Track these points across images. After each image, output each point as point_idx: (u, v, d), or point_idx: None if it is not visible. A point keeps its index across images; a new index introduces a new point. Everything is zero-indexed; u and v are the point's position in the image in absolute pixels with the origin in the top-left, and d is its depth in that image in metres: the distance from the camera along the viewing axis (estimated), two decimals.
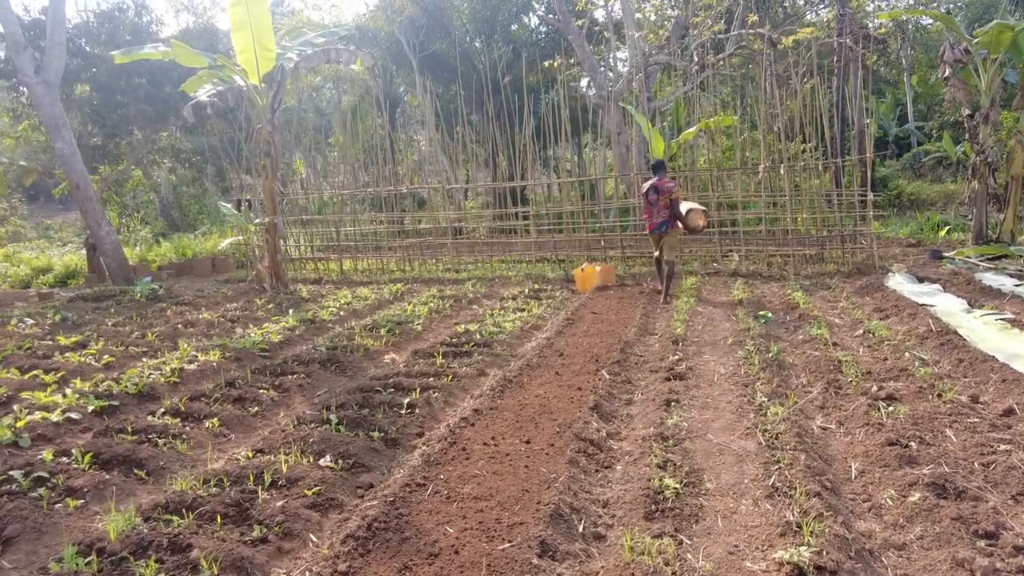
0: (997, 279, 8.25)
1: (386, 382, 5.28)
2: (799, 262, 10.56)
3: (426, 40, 21.31)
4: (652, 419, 4.28)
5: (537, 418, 4.38)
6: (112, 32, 16.85)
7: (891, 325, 6.49)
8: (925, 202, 19.51)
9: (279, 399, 5.28)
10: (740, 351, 5.71)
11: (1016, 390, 4.41)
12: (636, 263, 11.52)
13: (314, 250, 13.78)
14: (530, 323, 7.40)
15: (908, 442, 3.68)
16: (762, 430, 3.93)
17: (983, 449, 3.60)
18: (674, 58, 15.70)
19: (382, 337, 6.96)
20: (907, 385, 4.66)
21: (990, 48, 10.54)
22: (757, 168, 11.08)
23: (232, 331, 7.87)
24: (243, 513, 3.34)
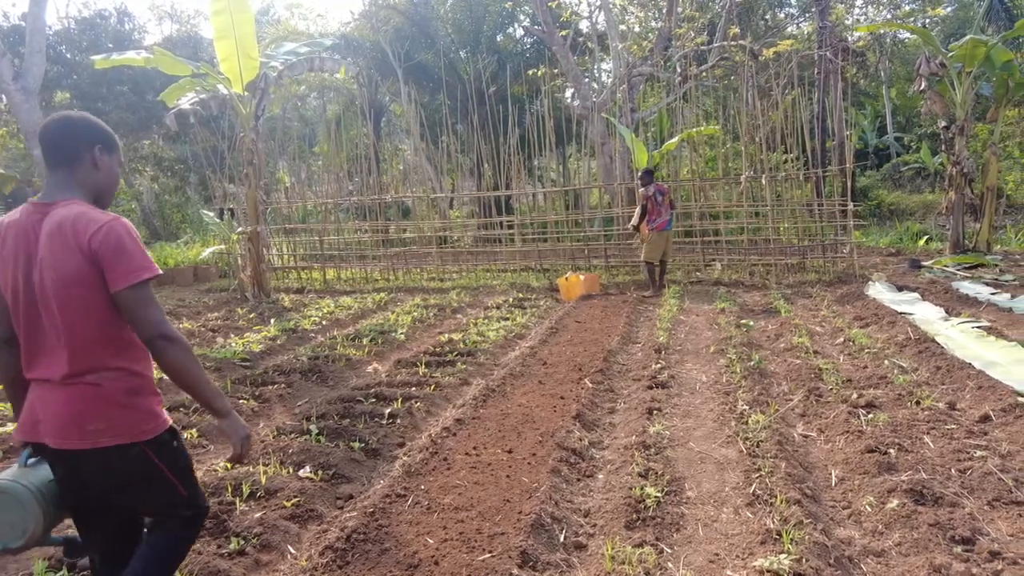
0: (974, 287, 8.37)
1: (368, 392, 5.24)
2: (781, 271, 10.66)
3: (411, 50, 21.36)
4: (634, 427, 4.28)
5: (520, 427, 4.36)
6: (93, 39, 16.74)
7: (871, 333, 6.56)
8: (905, 212, 19.83)
9: (259, 409, 5.21)
10: (722, 359, 5.74)
11: (992, 397, 4.47)
12: (620, 272, 11.56)
13: (297, 259, 13.70)
14: (514, 332, 7.39)
15: (887, 449, 3.70)
16: (743, 438, 3.95)
17: (960, 456, 3.64)
18: (657, 69, 15.86)
19: (365, 347, 6.92)
20: (886, 392, 4.70)
21: (965, 62, 10.75)
22: (739, 178, 11.20)
23: (213, 341, 7.78)
24: (220, 525, 3.29)
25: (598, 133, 15.23)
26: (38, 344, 2.00)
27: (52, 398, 1.97)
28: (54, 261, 1.92)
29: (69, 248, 1.91)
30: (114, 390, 1.99)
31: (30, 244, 1.97)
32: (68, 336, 1.95)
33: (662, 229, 9.27)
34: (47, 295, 1.94)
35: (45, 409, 1.98)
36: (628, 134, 11.55)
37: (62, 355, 1.95)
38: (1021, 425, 3.97)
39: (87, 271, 1.92)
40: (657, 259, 9.52)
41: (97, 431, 1.95)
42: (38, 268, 1.94)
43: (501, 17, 22.73)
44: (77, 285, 1.92)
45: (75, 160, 2.05)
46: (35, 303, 1.97)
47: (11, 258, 1.98)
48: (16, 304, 2.00)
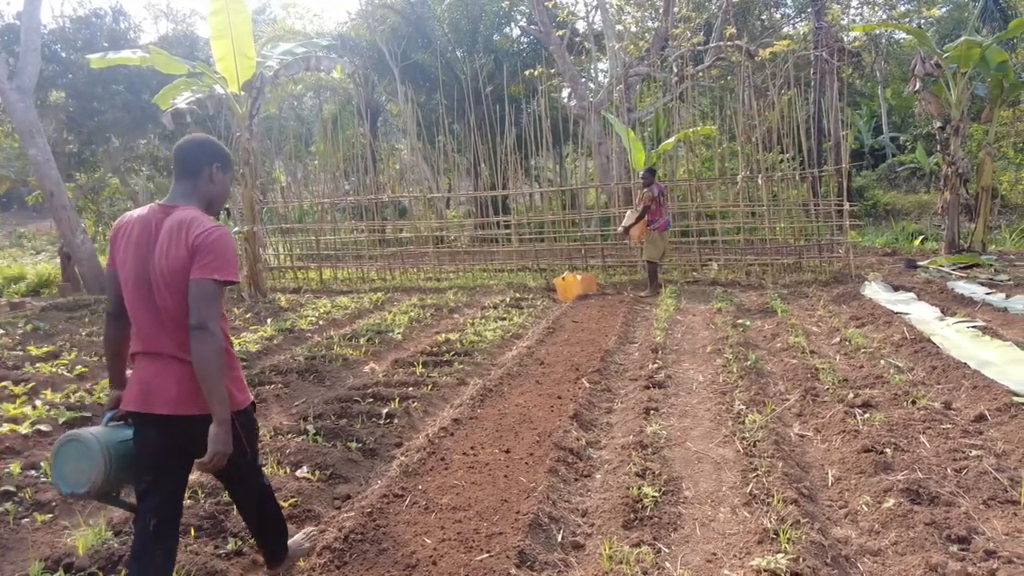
0: (969, 287, 8.40)
1: (365, 392, 5.24)
2: (777, 271, 10.68)
3: (408, 49, 21.34)
4: (632, 427, 4.28)
5: (517, 427, 4.37)
6: (89, 38, 16.68)
7: (867, 333, 6.57)
8: (900, 212, 19.89)
9: (256, 410, 5.20)
10: (719, 359, 5.75)
11: (987, 396, 4.48)
12: (617, 272, 11.58)
13: (294, 259, 13.67)
14: (511, 332, 7.39)
15: (883, 449, 3.72)
16: (740, 438, 3.96)
17: (955, 455, 3.65)
18: (654, 69, 15.87)
19: (362, 346, 6.91)
20: (883, 392, 4.72)
21: (959, 63, 10.79)
22: (736, 178, 11.22)
23: None
24: (217, 525, 3.28)
25: (595, 133, 15.25)
26: (147, 323, 2.35)
27: (166, 372, 2.33)
28: (167, 253, 2.30)
29: (180, 244, 2.29)
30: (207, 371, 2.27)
31: (151, 237, 2.34)
32: (173, 317, 2.31)
33: (663, 229, 9.31)
34: (159, 281, 2.31)
35: (158, 383, 2.32)
36: (626, 132, 11.56)
37: (168, 334, 2.32)
38: (1016, 424, 3.98)
39: (188, 263, 2.28)
40: (659, 258, 9.58)
41: (201, 400, 2.28)
42: (155, 257, 2.31)
43: (498, 17, 22.72)
44: (181, 274, 2.28)
45: (197, 174, 2.45)
46: (149, 287, 2.33)
47: (133, 245, 2.35)
48: (128, 287, 2.36)
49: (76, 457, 2.31)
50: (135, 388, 2.36)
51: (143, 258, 2.33)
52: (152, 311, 2.33)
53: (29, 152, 11.53)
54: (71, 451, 2.32)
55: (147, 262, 2.32)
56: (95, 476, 2.28)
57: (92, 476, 2.28)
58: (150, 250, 2.33)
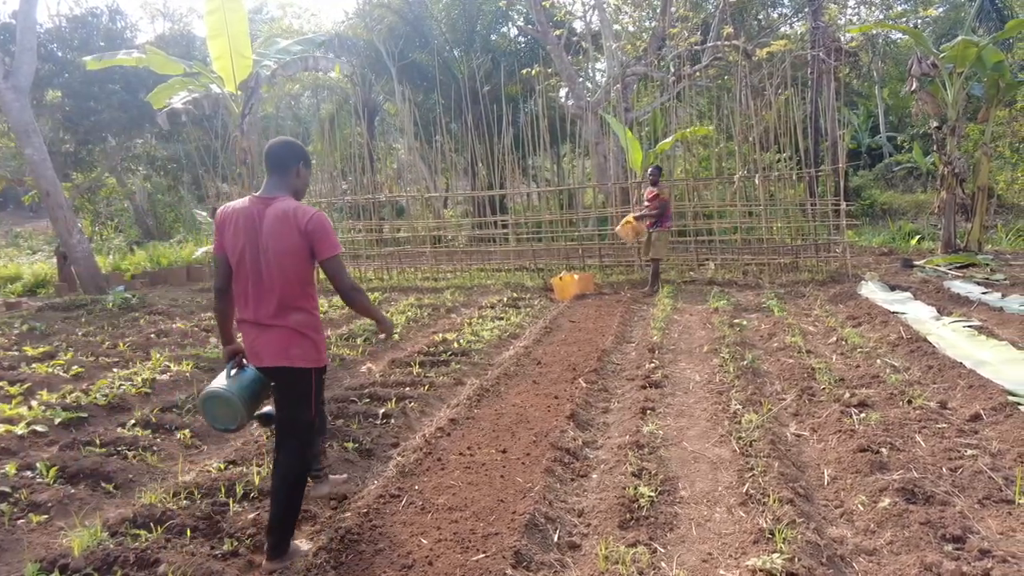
0: (965, 287, 8.42)
1: (362, 392, 5.23)
2: (774, 271, 10.69)
3: (405, 49, 21.31)
4: (628, 427, 4.29)
5: (514, 427, 4.37)
6: (85, 37, 16.63)
7: (864, 332, 6.59)
8: (897, 211, 19.92)
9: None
10: (715, 359, 5.76)
11: (982, 396, 4.49)
12: (614, 272, 11.58)
13: None
14: (508, 332, 7.40)
15: (879, 448, 3.73)
16: (736, 437, 3.96)
17: (951, 454, 3.66)
18: (651, 69, 15.88)
19: (359, 346, 6.91)
20: (879, 392, 4.73)
21: (956, 63, 10.81)
22: (733, 178, 11.23)
23: (206, 341, 7.76)
24: (214, 526, 3.28)
25: (592, 133, 15.24)
26: (254, 294, 2.88)
27: (266, 334, 2.91)
28: (277, 237, 2.81)
29: (290, 228, 2.81)
30: (303, 327, 2.92)
31: (255, 224, 2.84)
32: (278, 289, 2.85)
33: (667, 228, 9.39)
34: (269, 260, 2.83)
35: (262, 341, 2.92)
36: (623, 132, 11.57)
37: (272, 303, 2.86)
38: (1011, 424, 3.99)
39: (299, 244, 2.83)
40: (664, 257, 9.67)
41: (295, 355, 2.90)
42: (262, 239, 2.82)
43: (495, 16, 22.70)
44: (291, 254, 2.83)
45: (287, 170, 2.97)
46: (258, 265, 2.84)
47: (241, 232, 2.85)
48: (240, 265, 2.87)
49: (221, 406, 3.03)
50: (247, 346, 3.02)
51: (251, 241, 2.84)
52: (256, 284, 2.87)
53: (25, 152, 11.49)
54: (216, 403, 3.04)
55: (255, 244, 2.84)
56: (239, 416, 3.02)
57: (237, 416, 3.03)
58: (257, 234, 2.84)
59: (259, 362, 2.96)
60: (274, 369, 2.95)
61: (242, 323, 2.98)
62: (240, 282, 2.91)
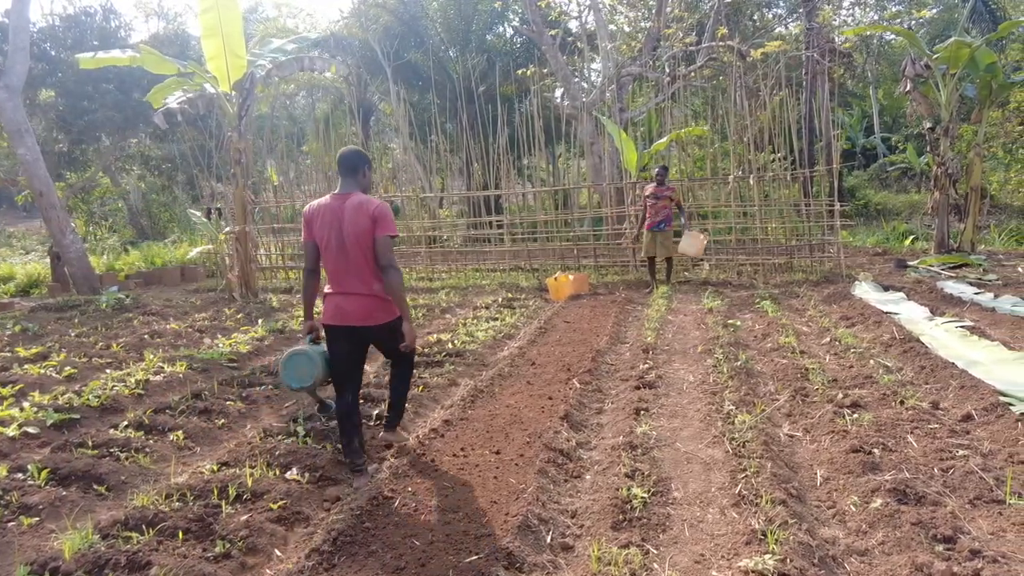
0: (958, 287, 8.46)
1: None
2: (768, 271, 10.72)
3: (400, 48, 21.29)
4: (622, 428, 4.29)
5: (507, 428, 4.37)
6: (78, 37, 16.57)
7: (857, 333, 6.61)
8: (891, 211, 20.00)
9: (246, 411, 5.19)
10: (709, 359, 5.77)
11: (974, 396, 4.51)
12: (609, 272, 11.60)
13: (286, 259, 13.63)
14: (503, 332, 7.40)
15: (871, 449, 3.74)
16: (729, 438, 3.97)
17: (942, 455, 3.68)
18: (646, 69, 15.90)
19: None
20: (871, 392, 4.74)
21: (949, 64, 10.85)
22: (727, 178, 11.24)
23: (200, 342, 7.75)
24: (206, 528, 3.27)
25: (587, 133, 15.26)
26: (340, 272, 3.63)
27: (354, 302, 3.63)
28: (354, 223, 3.56)
29: (363, 215, 3.56)
30: (381, 294, 3.65)
31: (338, 215, 3.59)
32: (359, 267, 3.59)
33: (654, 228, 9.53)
34: (350, 243, 3.56)
35: (350, 307, 3.63)
36: (618, 132, 11.58)
37: (356, 278, 3.61)
38: (1002, 424, 4.01)
39: (369, 228, 3.55)
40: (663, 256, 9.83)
41: (378, 316, 3.68)
42: (345, 226, 3.56)
43: (491, 16, 22.70)
44: (366, 235, 3.56)
45: (357, 172, 3.72)
46: (343, 248, 3.58)
47: (327, 223, 3.60)
48: (328, 249, 3.61)
49: (302, 364, 3.74)
50: (332, 311, 3.68)
51: (336, 228, 3.58)
52: (342, 263, 3.60)
53: (18, 152, 11.45)
54: (298, 361, 3.76)
55: (339, 231, 3.57)
56: (316, 374, 3.69)
57: (314, 374, 3.70)
58: (340, 222, 3.58)
59: (346, 322, 3.67)
60: (360, 329, 3.68)
61: (330, 295, 3.71)
62: (328, 263, 3.66)
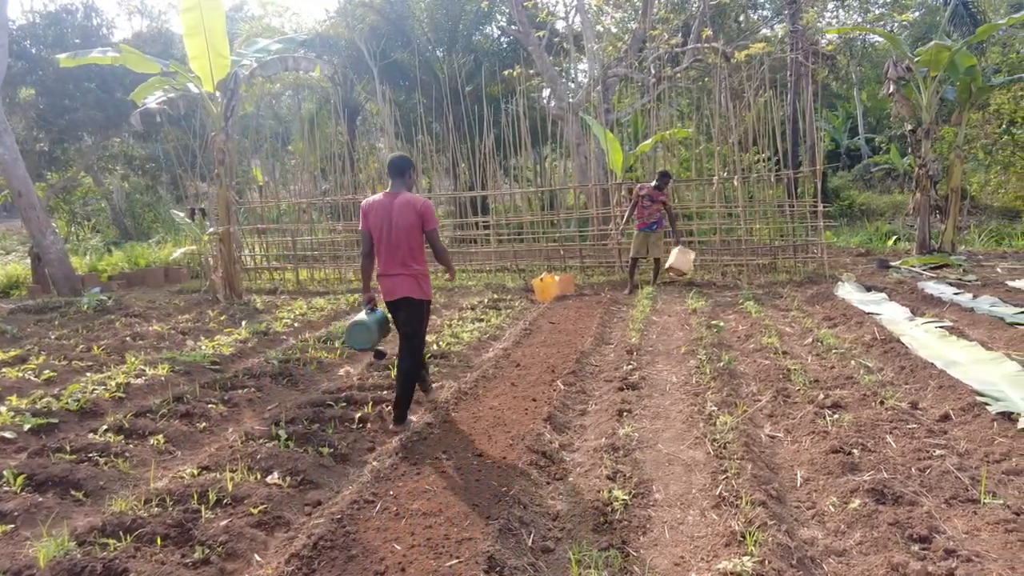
0: (938, 288, 8.56)
1: (339, 396, 5.20)
2: (753, 271, 10.79)
3: (387, 48, 21.22)
4: (604, 429, 4.30)
5: (491, 431, 4.36)
6: (59, 35, 16.36)
7: (839, 333, 6.67)
8: (875, 212, 20.18)
9: (228, 414, 5.15)
10: (692, 360, 5.80)
11: (952, 396, 4.57)
12: (595, 273, 11.62)
13: (270, 260, 13.54)
14: (488, 333, 7.39)
15: (851, 449, 3.77)
16: (711, 439, 3.99)
17: (920, 455, 3.72)
18: (632, 71, 15.95)
19: (336, 349, 6.86)
20: (852, 393, 4.78)
21: (930, 66, 10.98)
22: (712, 179, 11.30)
23: (183, 344, 7.68)
24: (185, 534, 3.24)
25: (573, 133, 15.29)
26: (388, 257, 4.43)
27: (402, 281, 4.45)
28: (402, 216, 4.37)
29: (410, 210, 4.37)
30: (422, 276, 4.50)
31: (389, 210, 4.40)
32: (405, 252, 4.40)
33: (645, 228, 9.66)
34: (399, 233, 4.38)
35: (400, 285, 4.45)
36: (603, 134, 11.60)
37: (399, 262, 4.41)
38: (978, 424, 4.07)
39: (416, 221, 4.38)
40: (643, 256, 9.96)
41: (422, 291, 4.50)
42: (393, 219, 4.37)
43: (477, 16, 22.68)
44: (411, 227, 4.38)
45: (404, 175, 4.52)
46: (392, 237, 4.39)
47: (379, 217, 4.42)
48: (380, 239, 4.44)
49: (362, 332, 4.67)
50: (385, 290, 4.54)
51: (388, 221, 4.40)
52: (392, 250, 4.42)
53: None
54: (358, 329, 4.68)
55: (390, 223, 4.40)
56: (373, 338, 4.68)
57: (371, 339, 4.68)
58: (390, 216, 4.40)
59: (393, 296, 4.49)
60: (404, 299, 4.49)
61: (382, 275, 4.54)
62: (380, 249, 4.47)
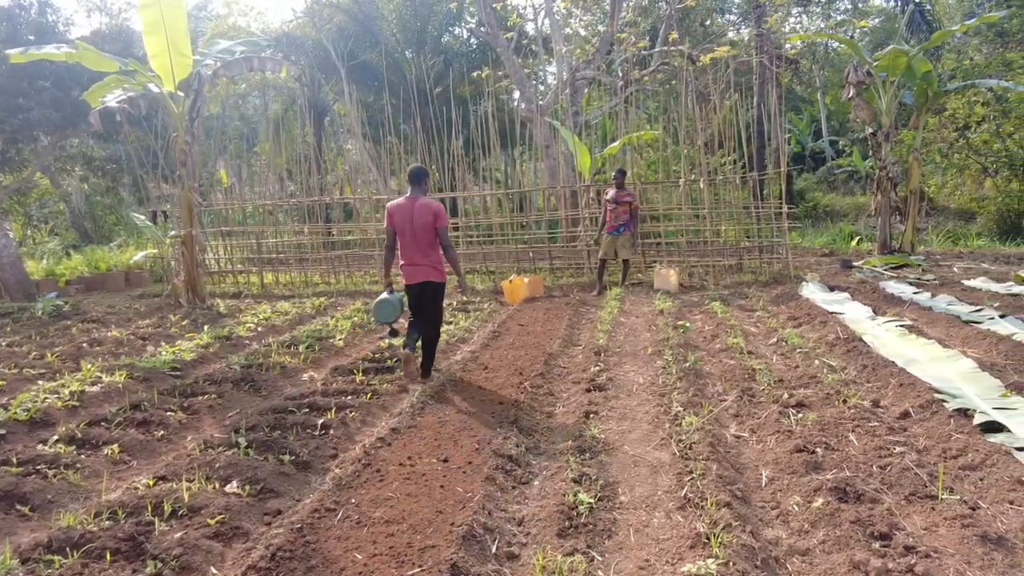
0: (899, 287, 8.74)
1: (301, 402, 5.10)
2: (719, 272, 10.90)
3: (355, 49, 21.00)
4: (571, 431, 4.28)
5: (457, 435, 4.31)
6: (12, 31, 15.82)
7: (803, 333, 6.75)
8: (839, 213, 20.61)
9: (187, 422, 5.01)
10: (659, 361, 5.81)
11: (911, 394, 4.65)
12: (564, 274, 11.63)
13: (234, 263, 13.26)
14: (456, 336, 7.33)
15: (814, 448, 3.81)
16: (677, 440, 3.99)
17: (881, 452, 3.76)
18: (600, 73, 16.02)
19: (300, 354, 6.73)
20: (816, 392, 4.84)
21: (888, 71, 11.24)
22: (679, 181, 11.39)
23: (143, 349, 7.47)
24: (137, 548, 3.12)
25: (542, 136, 15.30)
26: (410, 250, 5.32)
27: (421, 269, 5.35)
28: (421, 217, 5.25)
29: (427, 211, 5.25)
30: (438, 263, 5.41)
31: (410, 211, 5.28)
32: (425, 246, 5.31)
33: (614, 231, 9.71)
34: (417, 230, 5.27)
35: (420, 272, 5.36)
36: (571, 136, 11.63)
37: (420, 254, 5.33)
38: (936, 421, 4.14)
39: (431, 220, 5.23)
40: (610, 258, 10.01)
41: (438, 275, 5.42)
42: (414, 219, 5.26)
43: (447, 18, 22.60)
44: (427, 226, 5.25)
45: (422, 182, 5.43)
46: (413, 234, 5.28)
47: (402, 217, 5.29)
48: (403, 235, 5.32)
49: (388, 308, 5.49)
50: (406, 275, 5.42)
51: (409, 221, 5.30)
52: (413, 244, 5.34)
53: None
54: (385, 305, 5.50)
55: (411, 222, 5.29)
56: (396, 313, 5.49)
57: (395, 314, 5.50)
58: (411, 216, 5.29)
59: (415, 280, 5.46)
60: (424, 283, 5.45)
61: (405, 264, 5.44)
62: (403, 243, 5.41)
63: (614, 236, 9.61)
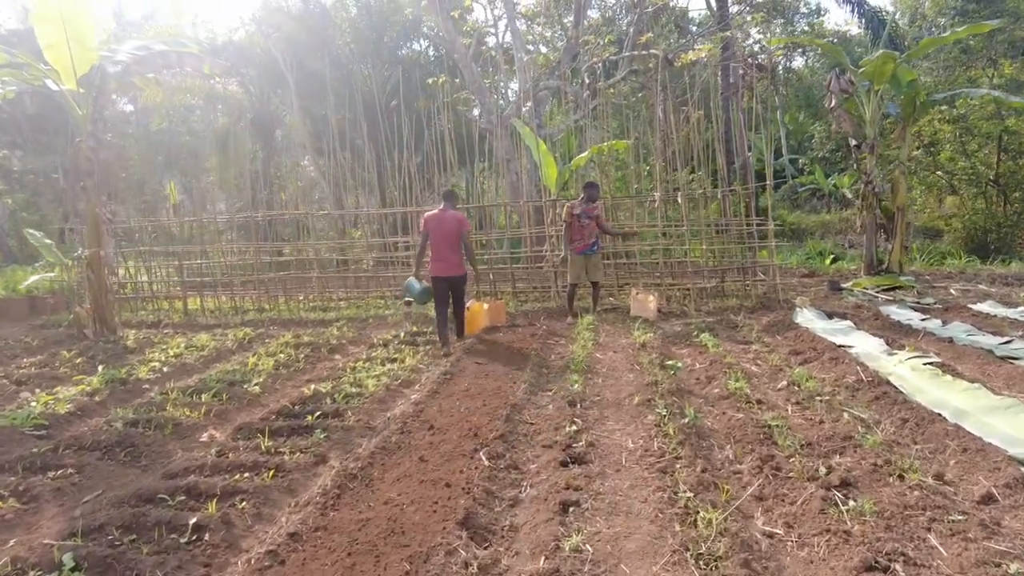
0: (902, 313, 7.83)
1: (180, 483, 3.77)
2: (699, 296, 9.87)
3: (305, 59, 19.67)
4: (543, 537, 3.05)
5: (380, 545, 3.04)
6: None
7: (814, 372, 5.68)
8: (805, 231, 20.11)
9: (19, 514, 3.64)
10: (650, 414, 4.64)
11: (983, 464, 3.58)
12: (528, 299, 10.47)
13: (153, 288, 11.69)
14: (400, 379, 6.06)
15: (889, 562, 2.67)
16: (695, 554, 2.81)
17: (986, 568, 2.64)
18: (565, 83, 15.06)
19: (204, 404, 5.38)
20: (857, 461, 3.72)
21: (873, 79, 10.49)
22: (652, 196, 10.37)
23: (15, 397, 6.04)
24: None
25: (503, 149, 14.22)
26: (441, 251, 7.29)
27: (447, 264, 7.30)
28: (451, 225, 7.29)
29: (455, 221, 7.33)
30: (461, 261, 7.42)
31: (441, 220, 7.29)
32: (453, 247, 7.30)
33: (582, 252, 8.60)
34: (448, 236, 7.27)
35: (450, 268, 7.31)
36: (536, 144, 10.55)
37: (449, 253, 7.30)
38: None
39: (458, 228, 7.31)
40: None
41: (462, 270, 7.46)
42: (446, 226, 7.27)
43: (404, 29, 21.50)
44: (455, 232, 7.29)
45: (453, 198, 7.59)
46: (444, 239, 7.27)
47: (437, 224, 7.28)
48: (435, 239, 7.28)
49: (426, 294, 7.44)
50: (436, 269, 7.23)
51: (440, 228, 7.18)
52: (442, 246, 7.18)
53: None
54: (425, 292, 7.42)
55: (442, 229, 7.18)
56: (424, 297, 7.51)
57: (425, 299, 7.56)
58: (443, 224, 7.19)
59: (444, 274, 7.17)
60: (452, 276, 7.18)
61: (436, 260, 7.15)
62: (436, 244, 7.13)
63: (585, 256, 8.49)
